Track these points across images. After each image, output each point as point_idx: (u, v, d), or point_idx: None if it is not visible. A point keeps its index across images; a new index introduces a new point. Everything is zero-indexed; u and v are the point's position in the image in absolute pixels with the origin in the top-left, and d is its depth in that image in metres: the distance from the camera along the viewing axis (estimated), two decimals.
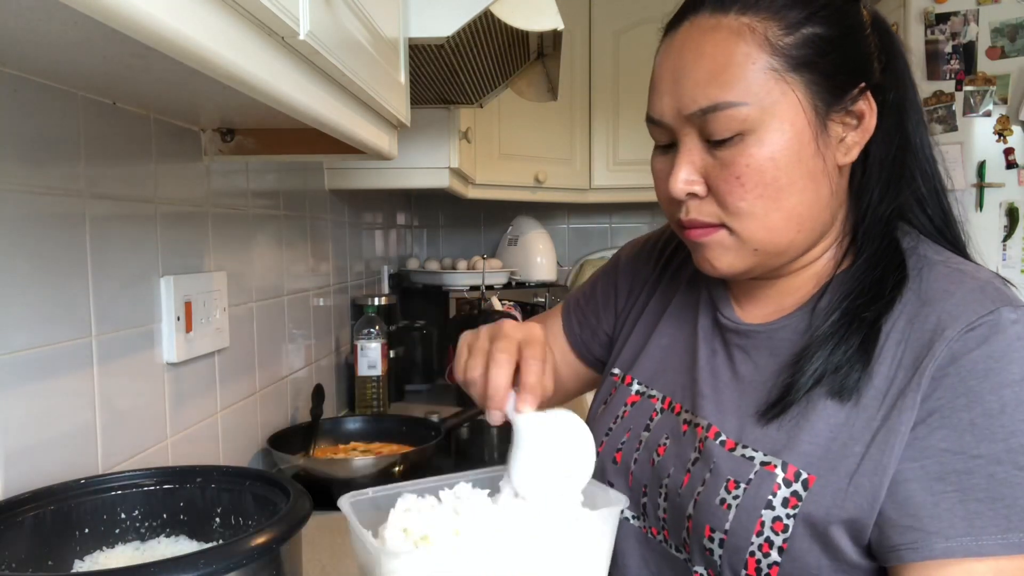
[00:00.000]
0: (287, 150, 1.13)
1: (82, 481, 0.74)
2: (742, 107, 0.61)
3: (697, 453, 0.69)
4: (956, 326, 0.59)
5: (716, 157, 0.64)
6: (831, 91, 0.63)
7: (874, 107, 0.65)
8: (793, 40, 0.62)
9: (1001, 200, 2.49)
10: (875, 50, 0.67)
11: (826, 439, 0.62)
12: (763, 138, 0.62)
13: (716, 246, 0.67)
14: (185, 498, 0.76)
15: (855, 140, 0.65)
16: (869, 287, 0.64)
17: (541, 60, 1.47)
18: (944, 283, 0.63)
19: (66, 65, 0.72)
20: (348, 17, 0.71)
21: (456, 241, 3.11)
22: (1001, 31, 2.48)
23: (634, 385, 0.80)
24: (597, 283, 0.95)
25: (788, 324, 0.69)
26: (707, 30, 0.64)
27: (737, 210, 0.64)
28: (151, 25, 0.41)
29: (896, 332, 0.62)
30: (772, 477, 0.63)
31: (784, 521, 0.61)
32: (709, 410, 0.70)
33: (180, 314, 1.04)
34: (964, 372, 0.58)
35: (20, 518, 0.68)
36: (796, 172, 0.63)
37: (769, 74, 0.62)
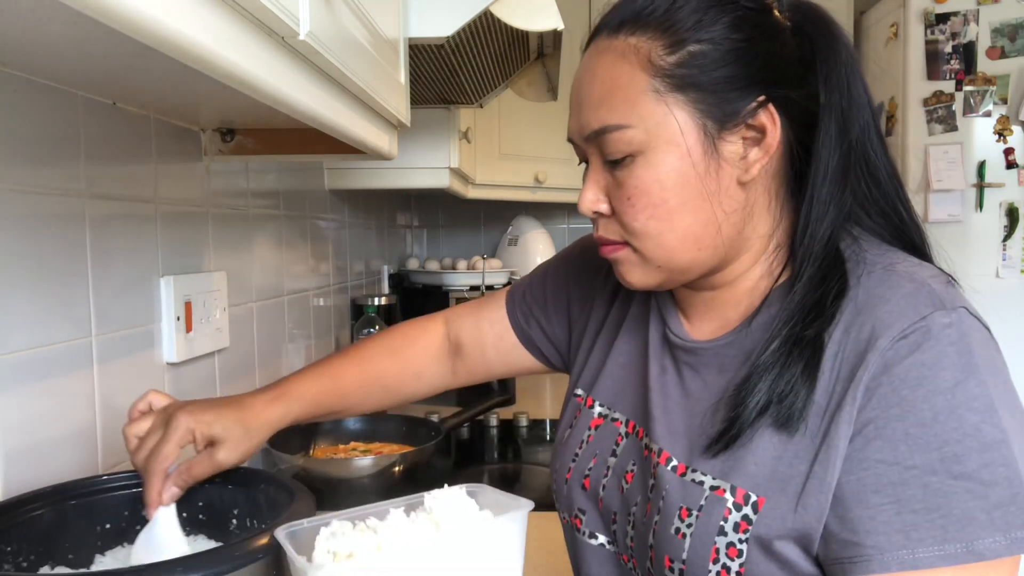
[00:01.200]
0: (287, 150, 1.13)
1: (103, 477, 0.76)
2: (627, 130, 0.62)
3: (652, 479, 0.68)
4: (888, 334, 0.58)
5: (614, 177, 0.65)
6: (721, 107, 0.61)
7: (777, 120, 0.62)
8: (676, 60, 0.61)
9: (1001, 200, 2.49)
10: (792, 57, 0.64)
11: (772, 459, 0.61)
12: (651, 160, 0.62)
13: (625, 262, 0.68)
14: (204, 498, 0.77)
15: (756, 156, 0.63)
16: (810, 307, 0.62)
17: (541, 60, 1.47)
18: (879, 288, 0.61)
19: (66, 65, 0.72)
20: (348, 17, 0.71)
21: (456, 241, 3.11)
22: (1001, 31, 2.48)
23: (596, 407, 0.79)
24: (547, 279, 0.93)
25: (732, 340, 0.68)
26: (601, 52, 0.64)
27: (632, 230, 0.65)
28: (151, 25, 0.41)
29: (833, 344, 0.60)
30: (723, 502, 0.62)
31: (738, 546, 0.60)
32: (660, 433, 0.69)
33: (180, 314, 1.04)
34: (897, 382, 0.57)
35: (40, 511, 0.69)
36: (686, 193, 0.62)
37: (651, 96, 0.61)
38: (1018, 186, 2.48)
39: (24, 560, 0.68)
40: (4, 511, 0.67)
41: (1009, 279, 2.48)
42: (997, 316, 0.67)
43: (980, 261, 2.50)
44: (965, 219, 2.50)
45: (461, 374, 0.96)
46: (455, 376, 0.97)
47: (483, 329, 0.95)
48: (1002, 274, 2.50)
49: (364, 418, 1.56)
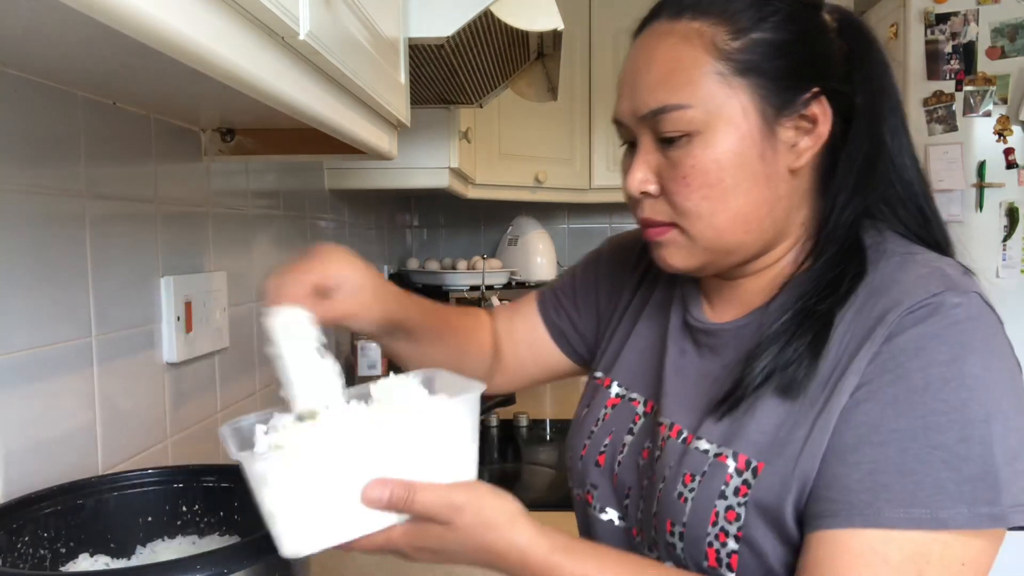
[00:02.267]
0: (287, 150, 1.13)
1: (149, 470, 0.77)
2: (688, 109, 0.64)
3: (660, 452, 0.71)
4: (898, 309, 0.60)
5: (667, 157, 0.66)
6: (780, 95, 0.64)
7: (828, 112, 0.65)
8: (740, 45, 0.63)
9: (1001, 200, 2.49)
10: (839, 54, 0.67)
11: (773, 426, 0.63)
12: (709, 140, 0.64)
13: (670, 244, 0.69)
14: (240, 497, 0.77)
15: (807, 145, 0.66)
16: (825, 285, 0.65)
17: (541, 60, 1.47)
18: (895, 272, 0.63)
19: (66, 65, 0.72)
20: (348, 17, 0.71)
21: (456, 241, 3.11)
22: (1001, 31, 2.48)
23: (613, 387, 0.82)
24: (576, 276, 0.96)
25: (749, 322, 0.71)
26: (661, 35, 0.66)
27: (684, 210, 0.66)
28: (151, 25, 0.41)
29: (844, 322, 0.63)
30: (724, 468, 0.64)
31: (736, 510, 0.62)
32: (672, 408, 0.72)
33: (180, 314, 1.04)
34: (896, 350, 0.59)
35: (80, 501, 0.72)
36: (741, 174, 0.64)
37: (715, 78, 0.63)
38: (1018, 186, 2.48)
39: (63, 547, 0.71)
40: (40, 500, 0.69)
41: (1009, 279, 2.48)
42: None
43: (980, 261, 2.49)
44: (965, 219, 2.50)
45: (497, 374, 0.96)
46: (490, 373, 0.97)
47: (516, 326, 0.97)
48: (1002, 274, 2.50)
49: None
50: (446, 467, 0.59)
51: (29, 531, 0.67)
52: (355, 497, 0.57)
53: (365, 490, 0.56)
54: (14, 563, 0.65)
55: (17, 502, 0.68)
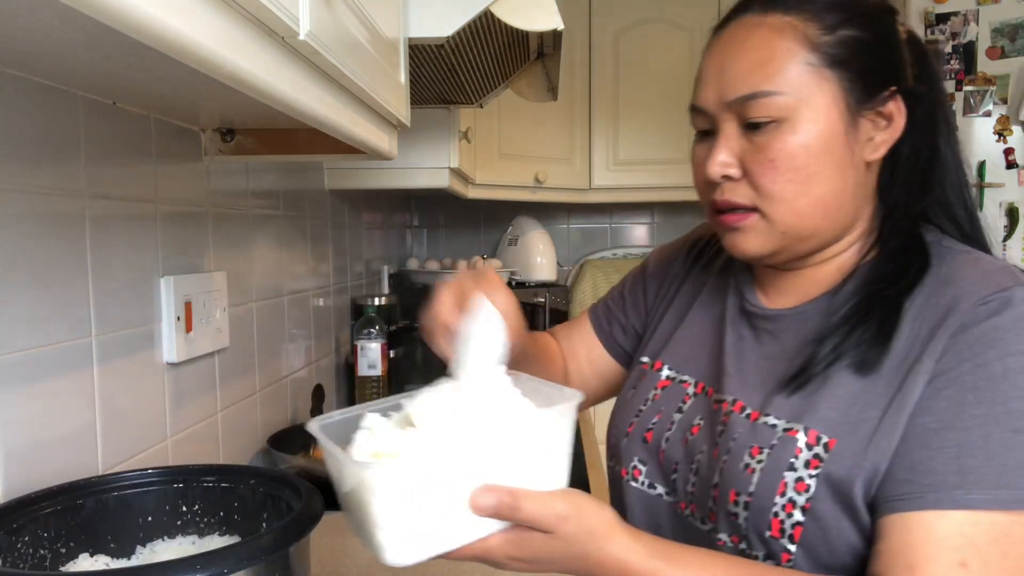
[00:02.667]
0: (287, 150, 1.13)
1: (149, 470, 0.77)
2: (780, 96, 0.67)
3: (722, 426, 0.73)
4: (970, 299, 0.63)
5: (752, 142, 0.69)
6: (863, 90, 0.68)
7: (903, 110, 0.70)
8: (831, 40, 0.68)
9: (1001, 200, 2.49)
10: (909, 60, 0.72)
11: (845, 405, 0.66)
12: (797, 126, 0.67)
13: (748, 229, 0.71)
14: (239, 497, 0.78)
15: (883, 139, 0.70)
16: (892, 273, 0.69)
17: (541, 60, 1.47)
18: (963, 267, 0.67)
19: (66, 65, 0.72)
20: (348, 17, 0.71)
21: (456, 241, 3.11)
22: (1001, 31, 2.48)
23: (664, 370, 0.85)
24: (626, 283, 1.00)
25: (812, 308, 0.74)
26: (752, 27, 0.70)
27: (769, 192, 0.69)
28: (151, 25, 0.41)
29: (914, 309, 0.66)
30: (794, 441, 0.67)
31: (807, 481, 0.65)
32: (734, 387, 0.75)
33: (180, 314, 1.04)
34: (972, 339, 0.62)
35: (80, 501, 0.72)
36: (825, 161, 0.68)
37: (807, 68, 0.67)
38: (1018, 186, 2.48)
39: (63, 547, 0.70)
40: (40, 500, 0.69)
41: None
42: None
43: None
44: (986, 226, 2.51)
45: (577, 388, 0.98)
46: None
47: (575, 344, 1.00)
48: None
49: None
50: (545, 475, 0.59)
51: (29, 531, 0.67)
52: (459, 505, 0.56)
53: (474, 496, 0.56)
54: (14, 563, 0.65)
55: (17, 502, 0.68)
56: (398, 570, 0.56)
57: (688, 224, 1.08)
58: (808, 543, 0.65)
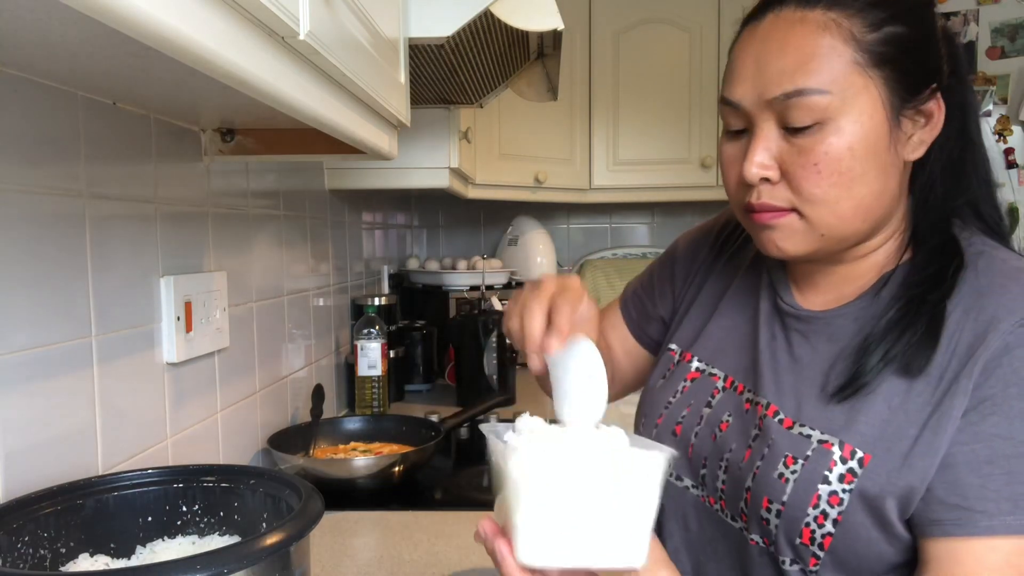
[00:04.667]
0: (287, 150, 1.13)
1: (149, 471, 0.78)
2: (824, 95, 0.64)
3: (757, 430, 0.73)
4: (1011, 319, 0.62)
5: (793, 144, 0.66)
6: (907, 89, 0.66)
7: (943, 108, 0.68)
8: (876, 37, 0.65)
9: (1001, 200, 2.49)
10: (945, 55, 0.70)
11: (882, 421, 0.65)
12: (842, 128, 0.65)
13: (785, 228, 0.69)
14: (239, 497, 0.78)
15: (922, 138, 0.68)
16: (932, 275, 0.68)
17: (541, 60, 1.47)
18: (1000, 278, 0.66)
19: (66, 65, 0.72)
20: (348, 17, 0.71)
21: (456, 241, 3.11)
22: (1001, 31, 2.48)
23: (694, 362, 0.84)
24: (654, 271, 0.99)
25: (848, 312, 0.73)
26: (794, 22, 0.66)
27: (811, 196, 0.66)
28: (151, 25, 0.41)
29: (952, 321, 0.65)
30: (829, 454, 0.67)
31: (840, 495, 0.65)
32: (769, 390, 0.74)
33: (180, 314, 1.04)
34: (1017, 363, 0.61)
35: (80, 501, 0.73)
36: (869, 164, 0.66)
37: (852, 67, 0.65)
38: (1018, 186, 2.48)
39: (63, 547, 0.71)
40: (40, 500, 0.69)
41: None
42: None
43: None
44: None
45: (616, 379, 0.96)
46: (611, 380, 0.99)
47: (607, 334, 0.99)
48: None
49: (364, 418, 1.56)
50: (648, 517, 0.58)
51: (29, 531, 0.67)
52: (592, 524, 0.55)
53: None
54: (14, 563, 0.65)
55: (17, 502, 0.68)
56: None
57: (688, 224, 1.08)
58: (837, 551, 0.66)
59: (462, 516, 1.23)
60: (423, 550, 1.11)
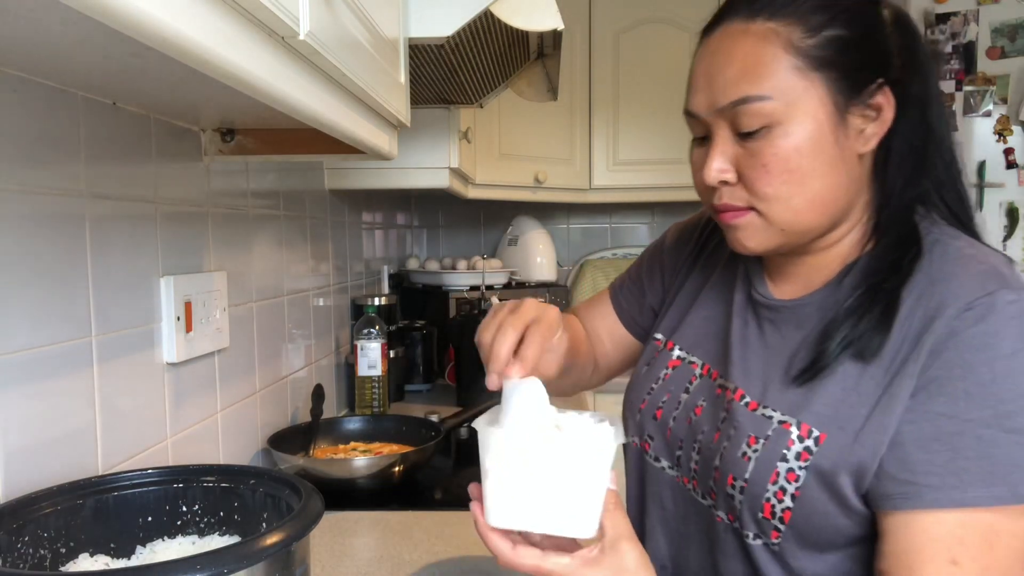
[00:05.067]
0: (287, 150, 1.13)
1: (149, 471, 0.78)
2: (768, 101, 0.68)
3: (725, 413, 0.78)
4: (956, 304, 0.66)
5: (745, 147, 0.71)
6: (850, 87, 0.69)
7: (892, 101, 0.71)
8: (815, 42, 0.68)
9: (1001, 200, 2.49)
10: (896, 47, 0.72)
11: (836, 402, 0.69)
12: (788, 130, 0.69)
13: (747, 227, 0.74)
14: (239, 498, 0.78)
15: (874, 131, 0.71)
16: (890, 264, 0.71)
17: (541, 60, 1.47)
18: (951, 266, 0.69)
19: (66, 65, 0.72)
20: (348, 17, 0.71)
21: (456, 241, 3.11)
22: (1001, 31, 2.48)
23: (675, 351, 0.89)
24: (643, 261, 1.03)
25: (813, 300, 0.76)
26: (738, 34, 0.71)
27: (765, 195, 0.71)
28: (151, 25, 0.41)
29: (906, 307, 0.69)
30: (787, 434, 0.71)
31: (797, 472, 0.70)
32: (737, 375, 0.79)
33: (180, 314, 1.04)
34: (962, 346, 0.65)
35: (80, 501, 0.72)
36: (817, 160, 0.69)
37: (793, 72, 0.68)
38: (1018, 186, 2.48)
39: (63, 547, 0.71)
40: (40, 500, 0.69)
41: None
42: None
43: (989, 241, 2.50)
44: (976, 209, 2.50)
45: (594, 377, 1.04)
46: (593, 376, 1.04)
47: (597, 323, 1.04)
48: None
49: (364, 418, 1.56)
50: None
51: (29, 531, 0.67)
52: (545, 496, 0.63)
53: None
54: (14, 563, 0.65)
55: (17, 502, 0.68)
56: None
57: None
58: (796, 524, 0.70)
59: (462, 516, 1.23)
60: (423, 550, 1.11)
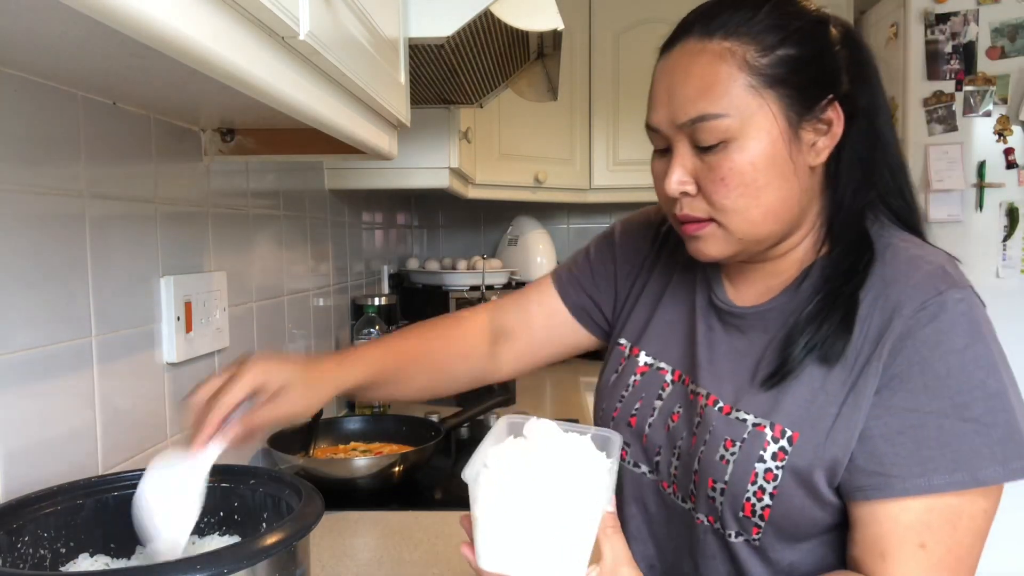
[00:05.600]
0: (287, 150, 1.13)
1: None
2: (725, 119, 0.72)
3: (699, 418, 0.80)
4: (911, 305, 0.70)
5: (704, 161, 0.74)
6: (802, 103, 0.73)
7: (841, 115, 0.74)
8: (768, 61, 0.72)
9: (1001, 200, 2.49)
10: (844, 63, 0.76)
11: (806, 402, 0.73)
12: (744, 145, 0.72)
13: (708, 237, 0.77)
14: (239, 498, 0.78)
15: (825, 144, 0.75)
16: (846, 269, 0.75)
17: (541, 60, 1.47)
18: (904, 267, 0.73)
19: (66, 65, 0.72)
20: (348, 17, 0.71)
21: (456, 241, 3.11)
22: (1001, 31, 2.48)
23: (642, 357, 0.91)
24: (591, 255, 1.02)
25: (776, 305, 0.80)
26: (695, 53, 0.74)
27: (722, 207, 0.74)
28: (151, 25, 0.41)
29: (864, 308, 0.73)
30: (762, 436, 0.74)
31: (775, 471, 0.73)
32: (707, 380, 0.81)
33: (180, 314, 1.04)
34: (918, 344, 0.69)
35: (80, 501, 0.72)
36: (772, 173, 0.73)
37: (748, 90, 0.72)
38: (1018, 186, 2.48)
39: (63, 547, 0.70)
40: (40, 500, 0.69)
41: (1009, 279, 2.48)
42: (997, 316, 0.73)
43: (980, 261, 2.50)
44: (965, 219, 2.50)
45: (506, 360, 1.03)
46: (495, 361, 1.03)
47: (531, 311, 1.03)
48: (1002, 274, 2.50)
49: (364, 418, 1.56)
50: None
51: (29, 531, 0.67)
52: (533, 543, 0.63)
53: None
54: (14, 563, 0.65)
55: (17, 502, 0.68)
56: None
57: None
58: (775, 521, 0.74)
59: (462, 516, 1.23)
60: (423, 550, 1.11)
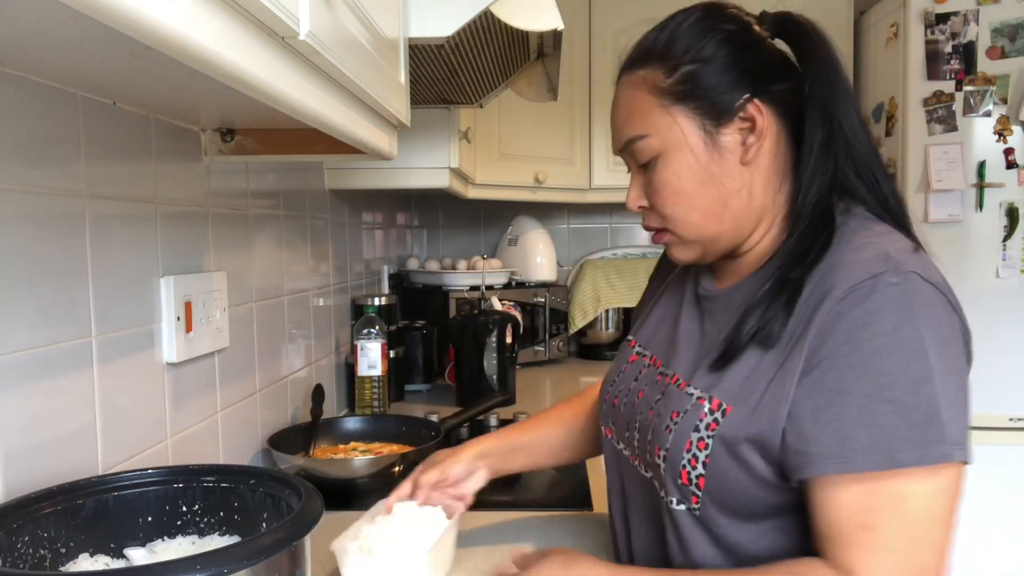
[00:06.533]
0: (287, 150, 1.13)
1: (149, 471, 0.78)
2: (647, 138, 0.81)
3: (661, 395, 0.87)
4: (843, 286, 0.71)
5: (646, 177, 0.84)
6: (715, 109, 0.78)
7: (764, 110, 0.79)
8: (672, 80, 0.79)
9: (1001, 200, 2.49)
10: (774, 59, 0.81)
11: (742, 379, 0.77)
12: (668, 160, 0.80)
13: (672, 244, 0.86)
14: (239, 498, 0.78)
15: (752, 141, 0.79)
16: (797, 256, 0.77)
17: (541, 60, 1.47)
18: (850, 253, 0.74)
19: (66, 65, 0.72)
20: (348, 17, 0.71)
21: (456, 241, 3.11)
22: (1001, 31, 2.48)
23: (636, 348, 0.99)
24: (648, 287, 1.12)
25: (740, 289, 0.84)
26: (624, 85, 0.85)
27: (667, 216, 0.83)
28: (151, 25, 0.41)
29: (805, 292, 0.75)
30: (701, 408, 0.79)
31: (706, 440, 0.77)
32: (677, 363, 0.88)
33: (180, 314, 1.04)
34: (847, 325, 0.70)
35: (80, 501, 0.73)
36: (697, 180, 0.80)
37: (659, 110, 0.80)
38: (1018, 186, 2.48)
39: (63, 547, 0.71)
40: (40, 500, 0.69)
41: (1009, 279, 2.48)
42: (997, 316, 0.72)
43: (980, 261, 2.49)
44: (965, 219, 2.50)
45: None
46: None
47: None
48: (1002, 274, 2.50)
49: (364, 418, 1.56)
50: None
51: (29, 531, 0.67)
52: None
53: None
54: (14, 563, 0.65)
55: (17, 502, 0.68)
56: None
57: None
58: (711, 491, 0.77)
59: (461, 516, 1.23)
60: None
